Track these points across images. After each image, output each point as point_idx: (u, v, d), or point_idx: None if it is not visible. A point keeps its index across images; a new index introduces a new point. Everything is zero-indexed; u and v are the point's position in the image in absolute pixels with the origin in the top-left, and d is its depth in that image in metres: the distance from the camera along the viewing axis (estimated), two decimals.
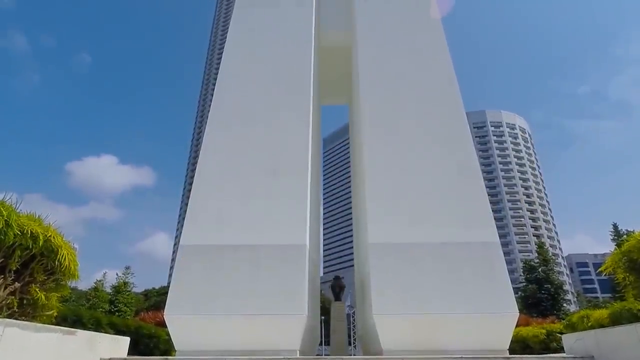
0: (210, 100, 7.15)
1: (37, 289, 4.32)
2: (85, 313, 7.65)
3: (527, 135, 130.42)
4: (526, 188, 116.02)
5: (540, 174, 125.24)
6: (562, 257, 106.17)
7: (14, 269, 4.07)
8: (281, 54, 7.38)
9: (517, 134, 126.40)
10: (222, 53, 7.32)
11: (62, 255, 4.45)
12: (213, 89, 6.81)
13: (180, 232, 6.79)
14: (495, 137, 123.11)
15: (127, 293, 28.53)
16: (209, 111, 7.09)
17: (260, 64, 7.30)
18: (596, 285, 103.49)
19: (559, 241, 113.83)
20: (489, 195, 7.23)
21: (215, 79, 7.00)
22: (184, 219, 6.80)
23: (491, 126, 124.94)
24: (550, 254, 36.71)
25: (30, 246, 4.10)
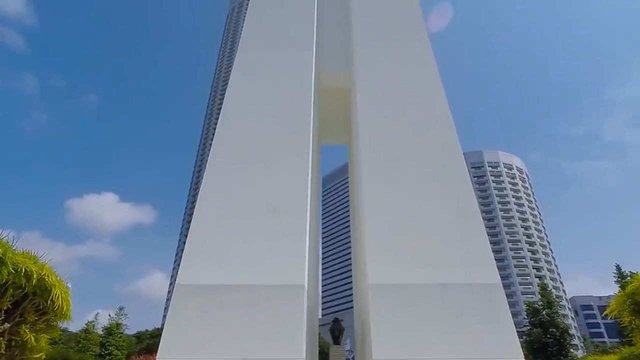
0: (211, 141, 7.27)
1: (27, 330, 4.20)
2: (74, 356, 7.37)
3: (524, 176, 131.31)
4: (526, 228, 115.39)
5: (540, 214, 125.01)
6: (566, 300, 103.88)
7: (5, 308, 3.98)
8: (282, 96, 7.58)
9: (514, 174, 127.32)
10: (224, 95, 7.52)
11: (55, 295, 4.36)
12: (214, 130, 6.95)
13: (177, 271, 6.67)
14: (493, 177, 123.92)
15: (119, 335, 27.60)
16: (209, 151, 7.18)
17: (261, 105, 7.48)
18: (602, 329, 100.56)
19: (562, 283, 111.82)
20: (489, 235, 7.19)
21: (217, 120, 7.13)
22: (180, 257, 6.72)
23: (489, 166, 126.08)
24: (554, 296, 35.93)
25: (24, 285, 4.03)
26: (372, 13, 10.43)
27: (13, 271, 3.82)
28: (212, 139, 7.22)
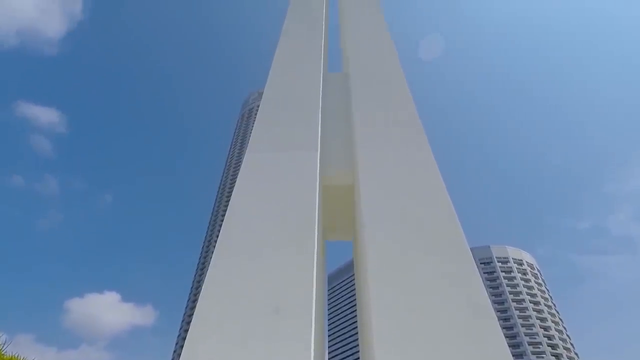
0: (216, 239, 7.27)
1: None
2: None
3: (536, 271, 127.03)
4: (545, 329, 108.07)
5: (558, 312, 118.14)
6: None
7: None
8: (287, 194, 7.76)
9: (526, 269, 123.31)
10: (230, 196, 7.70)
11: None
12: (219, 229, 7.00)
13: None
14: (504, 273, 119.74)
15: None
16: (213, 251, 7.13)
17: (267, 203, 7.61)
18: None
19: None
20: (506, 336, 6.74)
21: (222, 220, 7.22)
22: None
23: (498, 262, 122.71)
24: None
25: None
26: (373, 116, 11.14)
27: None
28: (216, 238, 7.21)
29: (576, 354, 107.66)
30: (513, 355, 6.43)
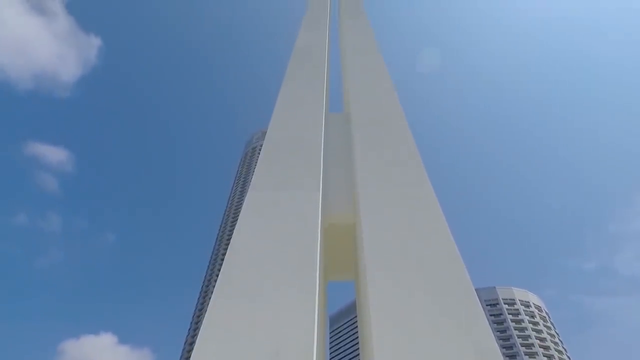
0: (215, 281, 7.14)
1: None
2: None
3: (544, 314, 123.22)
4: None
5: (569, 358, 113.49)
6: None
7: None
8: (289, 234, 7.68)
9: (533, 312, 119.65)
10: (230, 237, 7.65)
11: None
12: (219, 270, 6.89)
13: None
14: (511, 316, 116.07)
15: None
16: (212, 292, 6.98)
17: (268, 242, 7.53)
18: None
19: None
20: None
21: (222, 262, 7.14)
22: None
23: (504, 303, 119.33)
24: None
25: None
26: (375, 156, 11.21)
27: None
28: (216, 279, 7.08)
29: None
30: None
